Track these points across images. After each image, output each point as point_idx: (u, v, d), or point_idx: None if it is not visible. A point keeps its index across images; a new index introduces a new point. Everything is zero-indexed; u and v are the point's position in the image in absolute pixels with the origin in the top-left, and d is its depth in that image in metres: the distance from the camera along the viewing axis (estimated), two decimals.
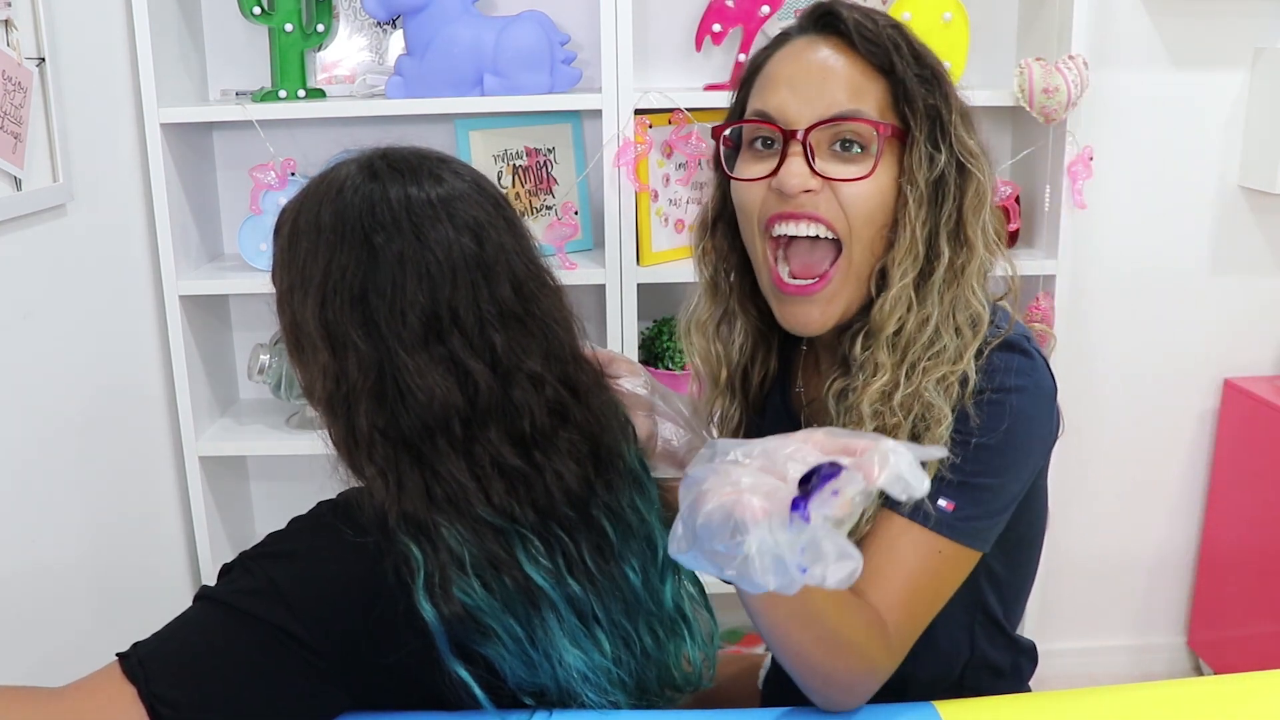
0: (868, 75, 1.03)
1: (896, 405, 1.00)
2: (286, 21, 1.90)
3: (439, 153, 0.96)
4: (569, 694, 0.91)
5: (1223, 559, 2.32)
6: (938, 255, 1.03)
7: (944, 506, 0.97)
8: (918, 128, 1.03)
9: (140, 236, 1.89)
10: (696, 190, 2.06)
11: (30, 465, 1.53)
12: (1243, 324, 2.27)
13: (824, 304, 1.05)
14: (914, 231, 1.02)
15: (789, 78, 1.04)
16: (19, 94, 1.48)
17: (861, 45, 1.03)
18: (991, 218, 1.06)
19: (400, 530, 0.87)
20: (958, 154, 1.03)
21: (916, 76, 1.03)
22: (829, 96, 1.02)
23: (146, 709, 0.83)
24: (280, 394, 2.02)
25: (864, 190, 1.02)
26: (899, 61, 1.03)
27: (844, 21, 1.04)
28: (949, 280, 1.03)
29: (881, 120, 1.02)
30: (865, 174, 1.02)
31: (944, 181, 1.03)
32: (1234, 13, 2.10)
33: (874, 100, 1.03)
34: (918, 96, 1.03)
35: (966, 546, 0.99)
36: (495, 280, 0.90)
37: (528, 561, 0.88)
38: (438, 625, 0.85)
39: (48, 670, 0.98)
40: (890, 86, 1.03)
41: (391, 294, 0.87)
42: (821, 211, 1.03)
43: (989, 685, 1.18)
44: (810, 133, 1.01)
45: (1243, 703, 1.01)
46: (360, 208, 0.89)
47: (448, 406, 0.87)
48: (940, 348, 1.01)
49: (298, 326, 0.91)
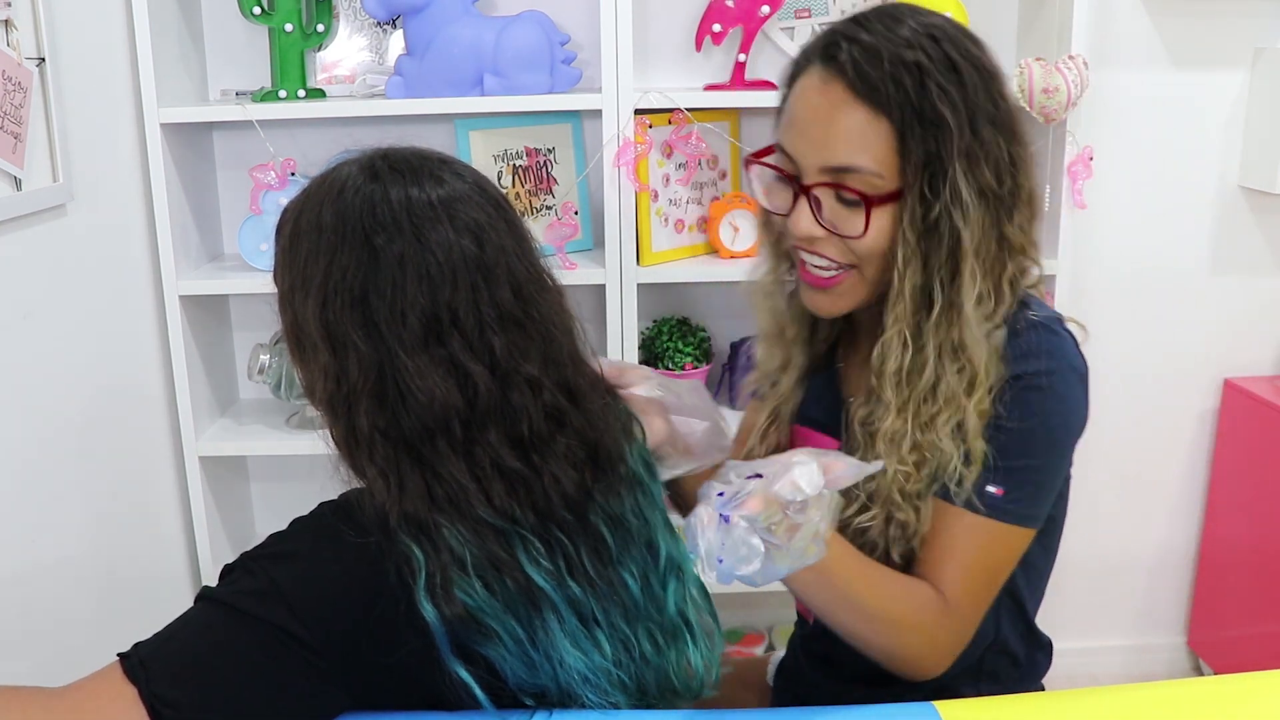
0: (869, 120, 1.01)
1: (906, 454, 1.05)
2: (286, 21, 1.90)
3: (440, 153, 0.96)
4: (569, 695, 0.91)
5: (1223, 559, 2.32)
6: (930, 302, 1.05)
7: (993, 492, 1.04)
8: (912, 179, 1.02)
9: (140, 236, 1.89)
10: (696, 190, 2.06)
11: (30, 465, 1.53)
12: (1243, 324, 2.27)
13: (837, 297, 1.10)
14: (904, 280, 1.04)
15: (799, 119, 1.06)
16: (19, 94, 1.48)
17: (860, 89, 1.01)
18: (1020, 232, 1.06)
19: (401, 531, 0.87)
20: (956, 201, 1.02)
21: (918, 121, 1.00)
22: (829, 148, 1.03)
23: (147, 709, 0.83)
24: (280, 394, 2.02)
25: (863, 241, 1.05)
26: (896, 110, 1.00)
27: (845, 60, 1.02)
28: (945, 321, 1.05)
29: (879, 172, 1.02)
30: (859, 234, 1.04)
31: (937, 231, 1.03)
32: (1234, 13, 2.10)
33: (873, 149, 1.02)
34: (915, 148, 1.01)
35: (1018, 526, 1.06)
36: (495, 282, 0.89)
37: (529, 563, 0.88)
38: (439, 625, 0.85)
39: (48, 670, 0.98)
40: (894, 130, 1.01)
41: (392, 295, 0.87)
42: (829, 253, 1.07)
43: (1006, 672, 1.19)
44: (813, 187, 1.05)
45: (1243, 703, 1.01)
46: (361, 208, 0.89)
47: (448, 408, 0.87)
48: (944, 389, 1.04)
49: (299, 327, 0.91)
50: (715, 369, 2.16)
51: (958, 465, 1.04)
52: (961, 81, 1.02)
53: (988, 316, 1.05)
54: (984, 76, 1.04)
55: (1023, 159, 1.06)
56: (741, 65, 1.99)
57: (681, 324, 2.10)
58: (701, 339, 2.09)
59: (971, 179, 1.02)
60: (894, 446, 1.06)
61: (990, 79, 1.04)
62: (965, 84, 1.02)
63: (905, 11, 1.06)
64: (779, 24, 2.06)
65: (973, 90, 1.02)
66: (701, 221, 2.07)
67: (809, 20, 2.07)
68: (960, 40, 1.04)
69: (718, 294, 2.20)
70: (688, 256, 2.05)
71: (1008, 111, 1.05)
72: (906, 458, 1.05)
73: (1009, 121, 1.05)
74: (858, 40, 1.03)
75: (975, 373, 1.04)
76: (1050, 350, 1.05)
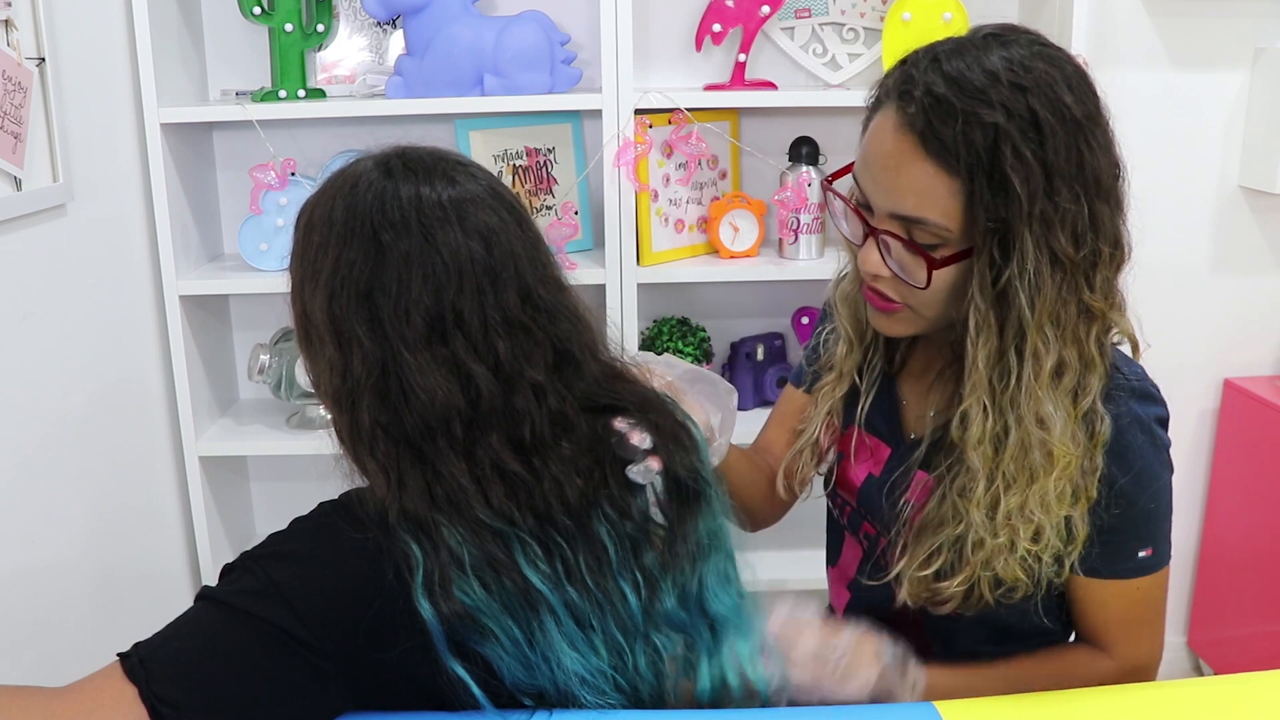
0: (938, 176, 0.97)
1: (1000, 523, 1.05)
2: (286, 21, 1.90)
3: (458, 154, 0.96)
4: (568, 695, 0.91)
5: (1223, 559, 2.32)
6: (1006, 370, 1.02)
7: (1143, 556, 1.10)
8: (981, 242, 0.98)
9: (140, 236, 1.89)
10: (696, 190, 2.06)
11: (30, 465, 1.53)
12: (1243, 324, 2.27)
13: (894, 322, 1.11)
14: (977, 348, 1.02)
15: (872, 162, 1.03)
16: (19, 94, 1.48)
17: (931, 145, 0.97)
18: (1101, 297, 1.02)
19: (401, 528, 0.87)
20: (1024, 269, 0.98)
21: (988, 185, 0.96)
22: (899, 196, 1.01)
23: (147, 709, 0.83)
24: (280, 394, 2.01)
25: (926, 291, 1.03)
26: (965, 171, 0.96)
27: (916, 111, 0.97)
28: (1021, 391, 1.02)
29: (947, 227, 0.99)
30: (922, 285, 1.02)
31: (1007, 297, 0.99)
32: (1234, 13, 2.10)
33: (942, 205, 0.98)
34: (982, 212, 0.97)
35: (1165, 567, 1.13)
36: (502, 286, 0.90)
37: (526, 565, 0.88)
38: (435, 623, 0.85)
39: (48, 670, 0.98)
40: (963, 189, 0.97)
41: (396, 292, 0.87)
42: (889, 291, 1.07)
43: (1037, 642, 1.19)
44: (881, 233, 1.04)
45: (1243, 703, 1.01)
46: (371, 204, 0.89)
47: (449, 408, 0.88)
48: (1029, 461, 1.03)
49: (307, 319, 0.92)
50: (715, 369, 2.16)
51: (1057, 539, 1.05)
52: (1042, 141, 0.95)
53: (1075, 386, 1.03)
54: (1071, 130, 0.97)
55: (1107, 219, 1.01)
56: (741, 65, 1.99)
57: (681, 324, 2.10)
58: (701, 339, 2.09)
59: (1044, 246, 0.97)
60: (985, 512, 1.04)
61: (1078, 132, 0.97)
62: (1045, 144, 0.95)
63: (994, 46, 0.99)
64: (779, 24, 2.06)
65: (1054, 151, 0.96)
66: (701, 221, 2.07)
67: (809, 20, 2.07)
68: (1051, 89, 0.97)
69: (718, 294, 2.20)
70: (688, 256, 2.05)
71: (1094, 165, 0.98)
72: (1000, 527, 1.04)
73: (1094, 175, 0.98)
74: (932, 89, 0.97)
75: (1053, 447, 1.02)
76: (1149, 441, 1.08)
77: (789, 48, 2.07)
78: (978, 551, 1.05)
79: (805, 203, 1.97)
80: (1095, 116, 1.00)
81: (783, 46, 2.07)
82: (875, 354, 1.22)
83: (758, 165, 2.08)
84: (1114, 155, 1.02)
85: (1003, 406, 1.03)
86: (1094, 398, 1.03)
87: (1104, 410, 1.04)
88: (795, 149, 2.00)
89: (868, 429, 1.24)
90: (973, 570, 1.05)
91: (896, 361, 1.23)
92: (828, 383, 1.26)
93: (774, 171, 2.04)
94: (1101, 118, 1.01)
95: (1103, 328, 1.04)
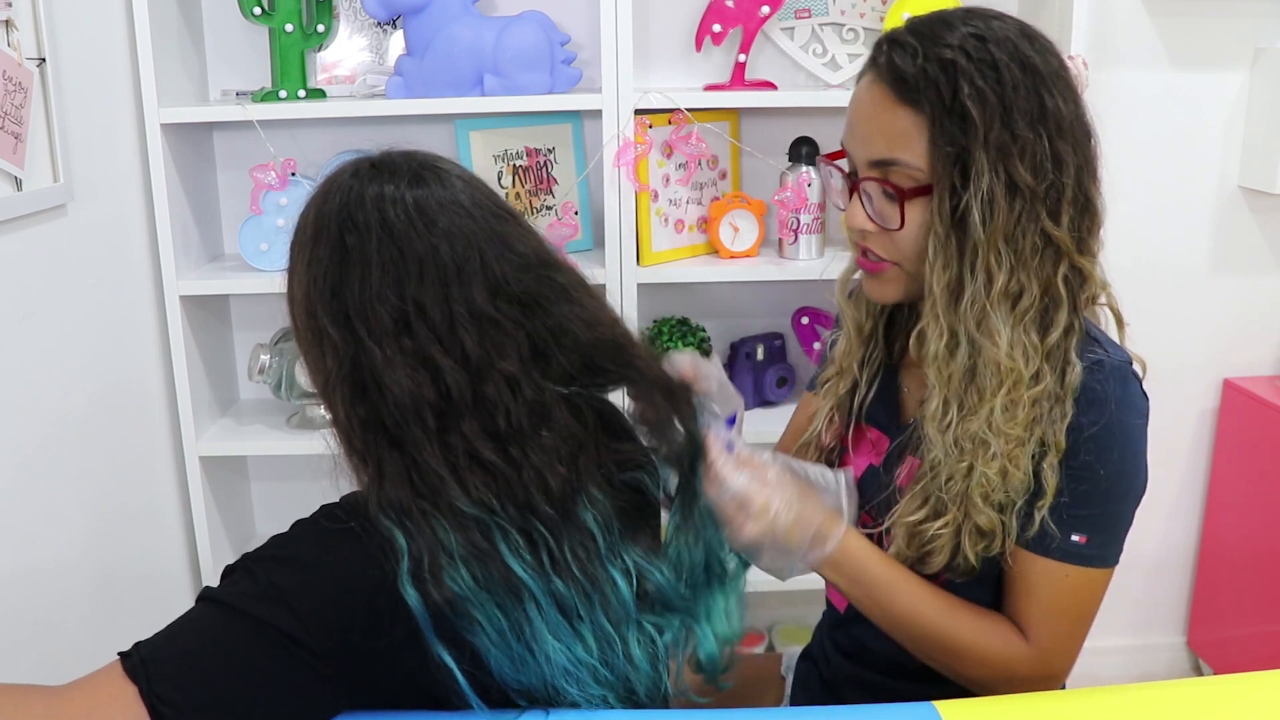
0: (906, 117, 1.04)
1: (952, 444, 1.07)
2: (287, 22, 1.90)
3: (434, 156, 0.98)
4: (555, 690, 0.91)
5: (1223, 559, 2.32)
6: (961, 288, 1.06)
7: (1078, 541, 1.08)
8: (943, 172, 1.04)
9: (140, 236, 1.89)
10: (696, 190, 2.06)
11: (30, 465, 1.53)
12: (1243, 324, 2.27)
13: (884, 283, 1.14)
14: (933, 272, 1.07)
15: (851, 119, 1.11)
16: (19, 94, 1.48)
17: (897, 88, 1.04)
18: (1067, 232, 1.06)
19: (384, 515, 0.88)
20: (979, 191, 1.02)
21: (947, 116, 1.02)
22: (871, 143, 1.08)
23: (148, 709, 0.83)
24: (280, 394, 2.02)
25: (901, 236, 1.08)
26: (928, 105, 1.03)
27: (884, 61, 1.06)
28: (974, 309, 1.05)
29: (918, 165, 1.05)
30: (897, 226, 1.08)
31: (965, 223, 1.04)
32: (1234, 13, 2.10)
33: (912, 145, 1.05)
34: (944, 143, 1.03)
35: (1102, 569, 1.10)
36: (466, 281, 0.91)
37: (509, 554, 0.89)
38: (422, 611, 0.87)
39: (48, 670, 0.98)
40: (927, 124, 1.03)
41: (359, 288, 0.91)
42: (876, 248, 1.12)
43: None
44: (862, 181, 1.10)
45: (1243, 703, 1.01)
46: (339, 205, 0.93)
47: (419, 399, 0.90)
48: (980, 381, 1.06)
49: (293, 316, 0.96)
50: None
51: (1027, 483, 1.06)
52: (1000, 80, 1.02)
53: (1039, 319, 1.06)
54: (1032, 75, 1.03)
55: (1070, 160, 1.05)
56: (741, 65, 1.99)
57: (681, 324, 2.10)
58: (701, 339, 2.09)
59: (1001, 171, 1.02)
60: (941, 433, 1.08)
61: (1040, 79, 1.04)
62: (1004, 82, 1.02)
63: (960, 17, 1.07)
64: (779, 24, 2.06)
65: (1011, 88, 1.02)
66: (701, 221, 2.07)
67: (809, 20, 2.07)
68: (1012, 42, 1.04)
69: (718, 294, 2.20)
70: (688, 256, 2.05)
71: (1058, 111, 1.04)
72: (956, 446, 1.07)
73: (1056, 120, 1.04)
74: (903, 43, 1.06)
75: (999, 359, 1.04)
76: (1122, 400, 1.06)
77: (789, 48, 2.07)
78: (950, 485, 1.07)
79: (805, 203, 1.97)
80: (1059, 74, 1.06)
81: (783, 47, 2.07)
82: (876, 347, 1.25)
83: (758, 165, 2.08)
84: (1083, 116, 1.08)
85: (952, 321, 1.07)
86: (1061, 333, 1.06)
87: (1077, 360, 1.06)
88: (795, 149, 2.00)
89: (869, 421, 1.25)
90: (954, 515, 1.08)
91: (897, 352, 1.25)
92: (830, 379, 1.28)
93: (774, 172, 2.04)
94: (1067, 78, 1.07)
95: (1072, 270, 1.07)
